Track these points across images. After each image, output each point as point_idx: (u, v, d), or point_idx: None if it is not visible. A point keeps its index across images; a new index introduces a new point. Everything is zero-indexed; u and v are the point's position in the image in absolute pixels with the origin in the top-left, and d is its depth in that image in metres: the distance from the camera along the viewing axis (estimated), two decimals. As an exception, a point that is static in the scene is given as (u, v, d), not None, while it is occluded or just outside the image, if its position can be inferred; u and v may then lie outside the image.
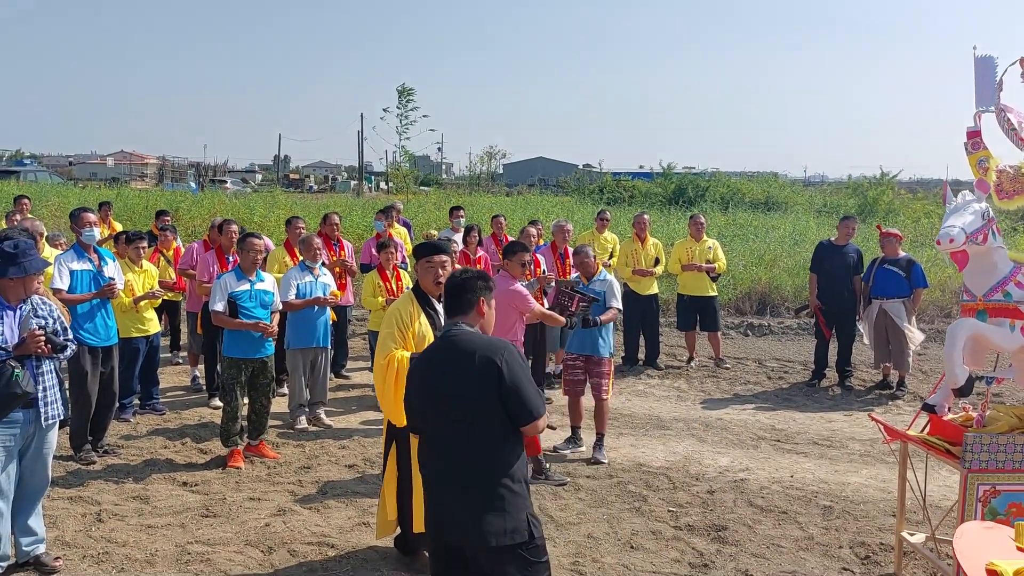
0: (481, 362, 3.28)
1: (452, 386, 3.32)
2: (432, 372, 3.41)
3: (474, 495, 3.28)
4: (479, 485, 3.28)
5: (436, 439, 3.42)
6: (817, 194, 36.43)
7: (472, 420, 3.29)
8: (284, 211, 19.19)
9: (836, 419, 8.54)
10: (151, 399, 8.28)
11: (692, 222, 10.98)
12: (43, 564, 4.85)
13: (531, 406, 3.30)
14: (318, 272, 7.81)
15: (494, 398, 3.25)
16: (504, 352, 3.31)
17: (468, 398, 3.28)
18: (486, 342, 3.38)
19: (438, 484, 3.41)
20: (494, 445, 3.29)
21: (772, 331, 13.21)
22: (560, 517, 5.84)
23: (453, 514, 3.34)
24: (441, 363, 3.40)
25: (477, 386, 3.27)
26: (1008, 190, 4.76)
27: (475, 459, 3.29)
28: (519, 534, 3.27)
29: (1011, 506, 4.40)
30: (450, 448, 3.35)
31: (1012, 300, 4.60)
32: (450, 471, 3.35)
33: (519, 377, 3.29)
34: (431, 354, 3.54)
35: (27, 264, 4.61)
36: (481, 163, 64.25)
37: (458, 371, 3.32)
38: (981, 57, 4.80)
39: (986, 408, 4.70)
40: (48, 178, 39.22)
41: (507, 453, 3.31)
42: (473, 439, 3.29)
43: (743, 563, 5.16)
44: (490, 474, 3.28)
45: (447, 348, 3.42)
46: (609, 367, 7.10)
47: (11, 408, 4.56)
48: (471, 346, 3.34)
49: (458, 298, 3.53)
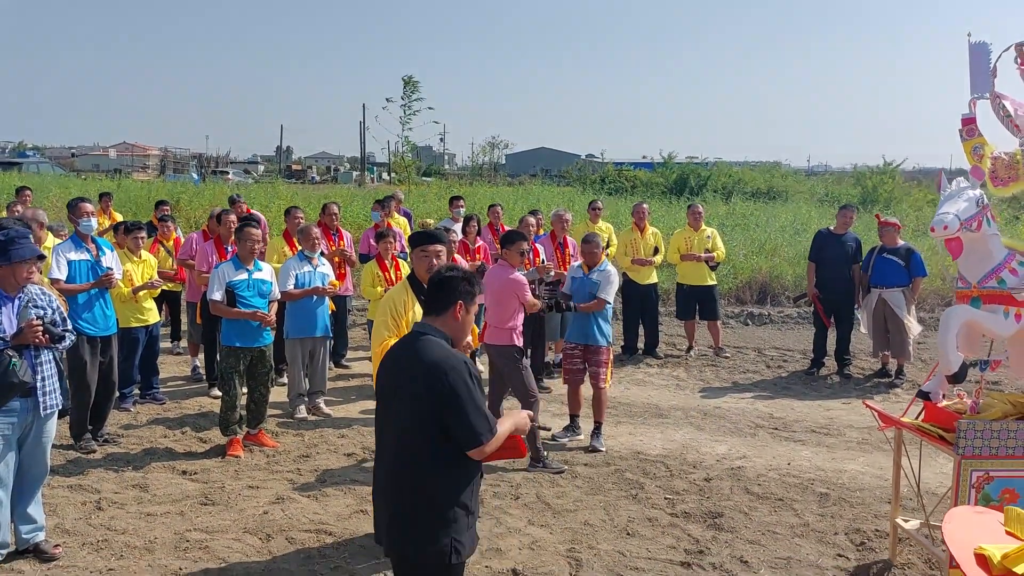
0: (427, 375, 3.09)
1: (399, 391, 3.18)
2: (391, 369, 3.28)
3: (398, 507, 3.15)
4: (403, 499, 3.14)
5: (379, 438, 3.33)
6: (819, 183, 36.35)
7: (406, 430, 3.13)
8: (285, 202, 19.19)
9: (834, 407, 8.56)
10: (151, 388, 8.32)
11: (690, 211, 10.99)
12: (43, 551, 4.89)
13: (476, 430, 3.07)
14: (317, 262, 7.83)
15: (435, 415, 3.07)
16: (452, 370, 3.09)
17: (407, 408, 3.13)
18: (439, 356, 3.14)
19: (374, 486, 3.34)
20: (424, 460, 3.10)
21: (772, 320, 13.21)
22: (557, 504, 5.87)
23: (380, 520, 3.26)
24: (400, 363, 3.24)
25: (419, 399, 3.09)
26: (1003, 177, 4.75)
27: (404, 472, 3.13)
28: (436, 556, 3.10)
29: (1004, 492, 4.41)
30: (387, 453, 3.23)
31: (1006, 287, 4.60)
32: (383, 477, 3.24)
33: (463, 398, 3.07)
34: (398, 349, 3.34)
35: (12, 252, 4.60)
36: (484, 153, 64.25)
37: (409, 377, 3.15)
38: (975, 44, 4.78)
39: (980, 395, 4.71)
40: (50, 169, 39.30)
41: (440, 471, 3.11)
42: (405, 451, 3.14)
43: (738, 549, 5.19)
44: (416, 490, 3.11)
45: (409, 349, 3.24)
46: (607, 356, 7.12)
47: (8, 397, 4.59)
48: (425, 356, 3.14)
49: (436, 296, 3.34)
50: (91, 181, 31.33)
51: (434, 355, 3.14)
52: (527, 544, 5.23)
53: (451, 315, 3.31)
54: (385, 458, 3.25)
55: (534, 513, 5.73)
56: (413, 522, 3.12)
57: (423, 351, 3.17)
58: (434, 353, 3.15)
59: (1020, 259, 4.69)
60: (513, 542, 5.25)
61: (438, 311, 3.31)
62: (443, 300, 3.31)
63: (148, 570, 4.80)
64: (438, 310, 3.32)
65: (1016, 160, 4.73)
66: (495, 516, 5.65)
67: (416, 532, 3.11)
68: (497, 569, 4.87)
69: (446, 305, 3.30)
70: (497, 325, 6.52)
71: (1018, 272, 4.61)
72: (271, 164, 79.33)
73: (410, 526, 3.12)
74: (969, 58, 4.84)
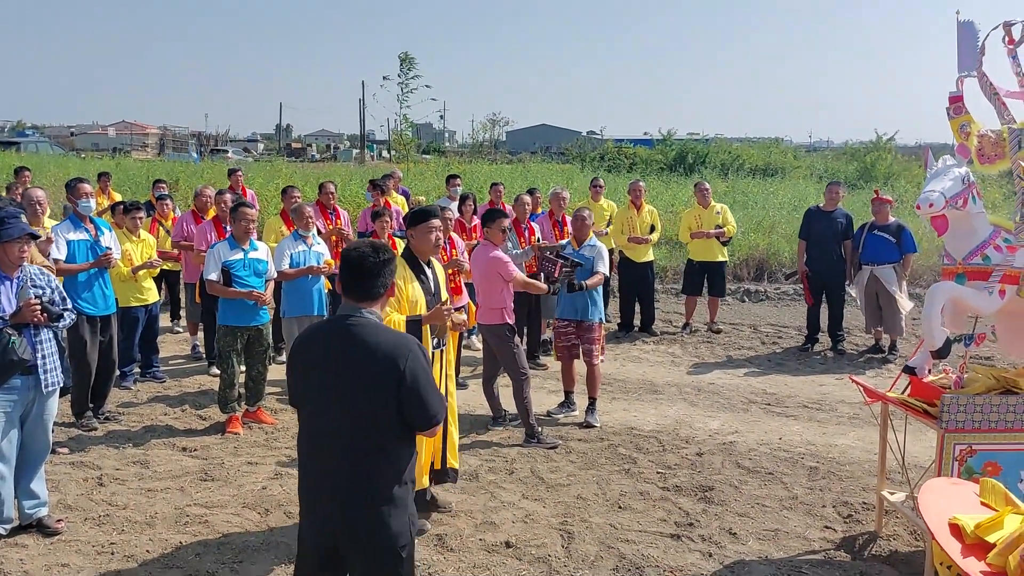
0: (383, 360, 3.02)
1: (343, 378, 3.06)
2: (321, 357, 3.13)
3: (356, 494, 3.06)
4: (362, 485, 3.06)
5: (316, 430, 3.16)
6: (819, 160, 36.27)
7: (360, 417, 3.05)
8: (284, 180, 19.20)
9: (827, 383, 8.65)
10: (151, 367, 8.41)
11: (697, 189, 11.01)
12: (46, 526, 5.00)
13: (431, 411, 3.09)
14: (312, 241, 7.87)
15: (389, 399, 3.02)
16: (409, 354, 3.06)
17: (360, 394, 3.04)
18: (392, 340, 3.09)
19: (316, 481, 3.16)
20: (381, 445, 3.07)
21: (769, 297, 13.29)
22: (551, 479, 5.97)
23: (331, 513, 3.11)
24: (335, 350, 3.10)
25: (372, 384, 3.02)
26: (989, 155, 4.80)
27: (359, 457, 3.06)
28: (402, 537, 3.10)
29: (987, 465, 4.50)
30: (333, 443, 3.10)
31: (991, 263, 4.67)
32: (333, 468, 3.10)
33: (421, 381, 3.05)
34: (323, 336, 3.19)
35: (2, 232, 4.66)
36: (484, 131, 63.98)
37: (354, 363, 3.04)
38: (963, 22, 4.82)
39: (964, 369, 4.79)
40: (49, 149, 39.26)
41: (395, 454, 3.10)
42: (358, 436, 3.06)
43: (727, 522, 5.29)
44: (375, 474, 3.07)
45: (345, 335, 3.11)
46: (600, 332, 7.20)
47: (9, 375, 4.68)
48: (374, 340, 3.05)
49: (369, 282, 3.17)
50: (90, 160, 31.31)
51: (389, 339, 3.08)
52: (520, 517, 5.33)
53: (386, 298, 3.25)
54: (330, 449, 3.10)
55: (528, 487, 5.83)
56: (379, 508, 3.06)
57: (372, 336, 3.07)
58: (388, 337, 3.09)
59: (1005, 236, 4.75)
60: (507, 516, 5.35)
61: (373, 297, 3.19)
62: (379, 286, 3.19)
63: (149, 544, 4.90)
64: (373, 296, 3.18)
65: (1003, 137, 4.77)
66: (489, 490, 5.75)
67: (384, 517, 3.06)
68: (491, 542, 4.98)
69: (383, 290, 3.21)
70: (487, 305, 6.59)
71: (1003, 249, 4.67)
72: (270, 142, 79.16)
73: (376, 512, 3.06)
74: (957, 36, 4.87)
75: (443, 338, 5.25)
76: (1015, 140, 4.61)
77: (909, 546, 5.00)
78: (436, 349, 5.18)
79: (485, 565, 4.72)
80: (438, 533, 5.08)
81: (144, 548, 4.85)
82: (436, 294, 5.19)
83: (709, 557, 4.84)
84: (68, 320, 5.08)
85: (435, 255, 5.39)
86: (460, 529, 5.15)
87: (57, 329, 5.02)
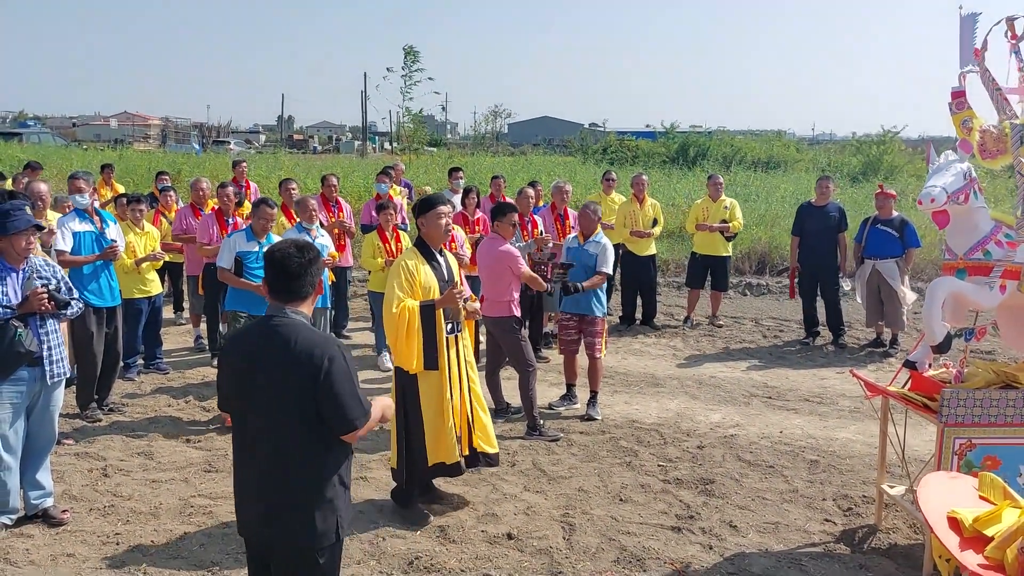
0: (304, 361, 2.98)
1: (266, 379, 3.03)
2: (247, 358, 3.11)
3: (280, 497, 3.05)
4: (286, 486, 3.05)
5: (244, 431, 3.15)
6: (822, 153, 36.24)
7: (285, 418, 3.02)
8: (286, 172, 19.24)
9: (828, 376, 8.67)
10: (155, 359, 8.45)
11: (710, 182, 10.98)
12: (51, 516, 5.04)
13: (350, 415, 3.03)
14: (315, 233, 7.89)
15: (309, 399, 3.00)
16: (330, 355, 3.01)
17: (283, 396, 3.01)
18: (313, 339, 3.05)
19: (245, 480, 3.17)
20: (307, 446, 3.05)
21: (770, 290, 13.31)
22: (552, 471, 6.00)
23: (257, 513, 3.12)
24: (259, 351, 3.07)
25: (295, 385, 3.00)
26: (991, 150, 4.81)
27: (284, 458, 3.05)
28: (325, 537, 3.08)
29: (986, 459, 4.52)
30: (259, 443, 3.09)
31: (992, 259, 4.69)
32: (258, 468, 3.10)
33: (341, 383, 3.01)
34: (250, 337, 3.19)
35: (8, 224, 4.70)
36: (486, 123, 63.93)
37: (275, 364, 3.02)
38: (966, 16, 4.82)
39: (964, 364, 4.82)
40: (51, 140, 39.24)
41: (323, 455, 3.08)
42: (283, 437, 3.04)
43: (728, 515, 5.33)
44: (300, 475, 3.05)
45: (269, 336, 3.07)
46: (602, 326, 7.22)
47: (16, 367, 4.72)
48: (297, 342, 3.02)
49: (294, 282, 3.12)
50: (92, 151, 31.34)
51: (309, 340, 3.04)
52: (522, 509, 5.37)
53: (313, 297, 3.21)
54: (256, 450, 3.09)
55: (530, 480, 5.87)
56: (302, 508, 3.05)
57: (294, 336, 3.03)
58: (309, 337, 3.05)
59: (1006, 231, 4.77)
60: (509, 507, 5.39)
61: (300, 297, 3.14)
62: (305, 285, 3.14)
63: (154, 534, 4.94)
64: (300, 296, 3.14)
65: (1005, 133, 4.78)
66: (491, 483, 5.79)
67: (306, 517, 3.05)
68: (493, 533, 5.02)
69: (310, 290, 3.17)
70: (493, 298, 6.62)
71: (1004, 244, 4.69)
72: (272, 133, 79.17)
73: (299, 513, 3.05)
74: (959, 31, 4.88)
75: (457, 323, 5.29)
76: (1017, 135, 4.62)
77: (908, 539, 5.03)
78: (450, 334, 5.22)
79: (487, 556, 4.75)
80: (440, 524, 5.12)
81: (149, 538, 4.89)
82: (450, 280, 5.24)
83: (709, 549, 4.87)
84: (76, 309, 5.12)
85: (446, 240, 5.44)
86: (462, 520, 5.19)
87: (63, 318, 5.05)
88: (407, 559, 4.70)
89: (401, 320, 4.94)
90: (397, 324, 4.95)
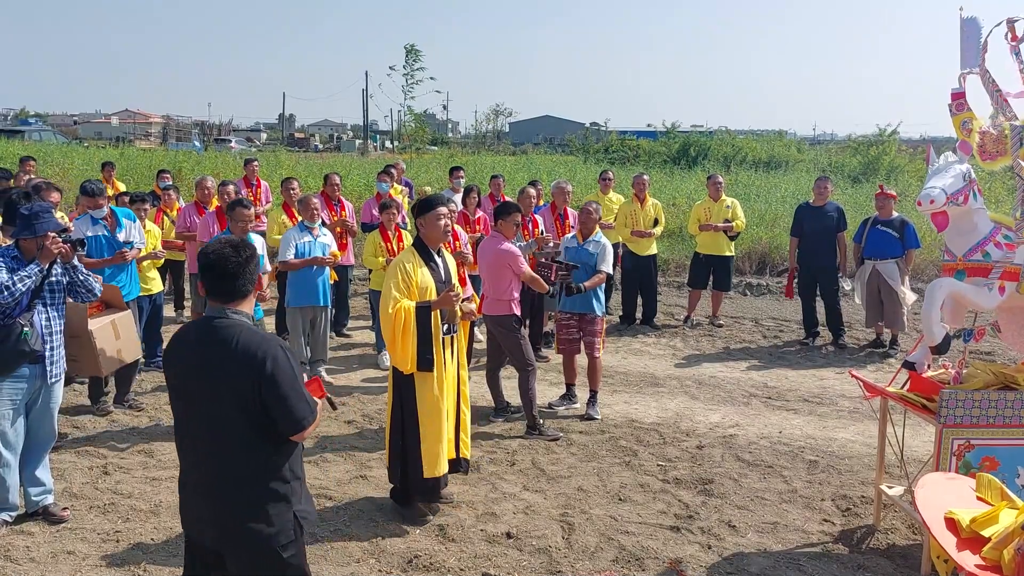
0: (243, 362, 2.95)
1: (208, 380, 3.00)
2: (188, 358, 3.09)
3: (229, 496, 3.02)
4: (232, 485, 3.02)
5: (187, 431, 3.14)
6: (822, 153, 36.23)
7: (225, 418, 2.99)
8: (287, 171, 19.23)
9: (828, 377, 8.68)
10: (155, 357, 8.45)
11: (710, 182, 11.00)
12: (51, 514, 5.06)
13: (296, 415, 3.01)
14: (317, 232, 7.91)
15: (254, 400, 2.96)
16: (270, 356, 2.97)
17: (223, 396, 2.98)
18: (254, 339, 3.00)
19: (192, 481, 3.13)
20: (250, 444, 3.01)
21: (771, 291, 13.31)
22: (552, 471, 6.01)
23: (204, 513, 3.09)
24: (200, 352, 3.05)
25: (235, 384, 2.96)
26: (991, 151, 4.82)
27: (226, 458, 3.02)
28: (283, 535, 3.06)
29: (984, 460, 4.53)
30: (203, 444, 3.07)
31: (991, 260, 4.70)
32: (203, 470, 3.08)
33: (284, 384, 2.97)
34: (190, 337, 3.15)
35: (37, 226, 4.80)
36: (487, 121, 63.92)
37: (217, 365, 2.99)
38: (967, 18, 4.83)
39: (963, 365, 4.82)
40: (53, 137, 39.23)
41: (266, 452, 3.04)
42: (224, 437, 3.01)
43: (727, 515, 5.34)
44: (245, 474, 3.01)
45: (210, 336, 3.04)
46: (601, 326, 7.23)
47: (19, 364, 4.76)
48: (236, 342, 2.98)
49: (232, 282, 3.08)
50: (94, 149, 31.33)
51: (250, 340, 3.00)
52: (522, 509, 5.38)
53: (252, 297, 3.18)
54: (200, 450, 3.08)
55: (529, 479, 5.88)
56: (255, 507, 3.02)
57: (235, 336, 3.00)
58: (249, 338, 3.01)
59: (1006, 233, 4.78)
60: (508, 507, 5.40)
61: (237, 297, 3.11)
62: (242, 285, 3.10)
63: (154, 532, 4.96)
64: (237, 296, 3.11)
65: (1004, 134, 4.79)
66: (491, 481, 5.80)
67: (261, 515, 3.02)
68: (492, 532, 5.03)
69: (248, 289, 3.13)
70: (494, 297, 6.64)
71: (1003, 246, 4.70)
72: (273, 132, 79.17)
73: (253, 511, 3.02)
74: (960, 33, 4.89)
75: (453, 324, 5.30)
76: (1016, 137, 4.63)
77: (907, 539, 5.04)
78: (446, 335, 5.23)
79: (486, 555, 4.76)
80: (440, 523, 5.13)
81: (149, 536, 4.91)
82: (447, 282, 5.25)
83: (708, 549, 4.88)
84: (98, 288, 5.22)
85: (445, 242, 5.45)
86: (461, 519, 5.20)
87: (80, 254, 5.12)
88: (406, 558, 4.71)
89: (397, 320, 4.95)
90: (393, 324, 4.97)
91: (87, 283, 5.10)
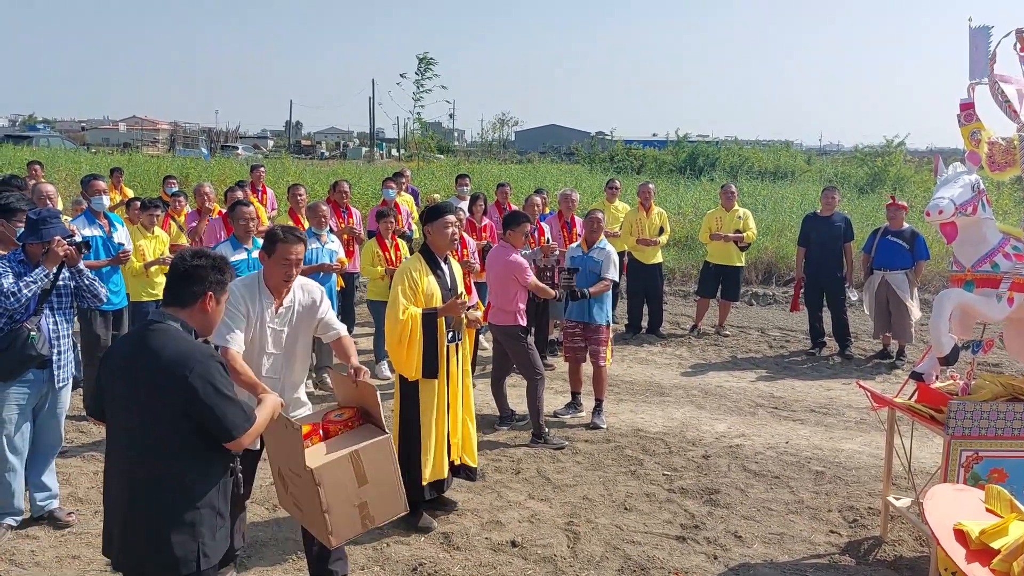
0: (167, 372, 2.85)
1: (133, 390, 2.90)
2: (118, 366, 2.98)
3: (135, 516, 2.89)
4: (143, 506, 2.88)
5: (111, 444, 3.01)
6: (829, 164, 36.21)
7: (145, 432, 2.88)
8: (293, 178, 19.29)
9: (834, 387, 8.65)
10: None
11: (723, 192, 10.99)
12: (57, 519, 5.07)
13: (228, 424, 2.89)
14: (325, 239, 7.91)
15: (176, 414, 2.85)
16: (196, 365, 2.86)
17: (145, 408, 2.88)
18: (180, 350, 2.89)
19: (107, 496, 3.02)
20: (168, 465, 2.88)
21: (777, 300, 13.28)
22: (557, 480, 6.00)
23: (112, 531, 2.99)
24: (129, 359, 2.95)
25: (156, 396, 2.86)
26: (1000, 162, 4.82)
27: (142, 477, 2.89)
28: (184, 565, 2.89)
29: (993, 471, 4.51)
30: (120, 459, 2.95)
31: (1000, 271, 4.68)
32: (118, 485, 2.95)
33: (211, 394, 2.86)
34: (124, 342, 3.09)
35: (44, 231, 4.82)
36: (493, 130, 64.01)
37: (141, 375, 2.88)
38: (976, 28, 4.83)
39: (971, 376, 4.80)
40: (61, 143, 39.35)
41: (184, 476, 2.90)
42: (143, 454, 2.89)
43: (733, 525, 5.31)
44: (157, 496, 2.88)
45: (140, 344, 2.95)
46: (607, 334, 7.22)
47: (25, 369, 4.76)
48: (162, 350, 2.88)
49: (182, 288, 3.03)
50: (101, 155, 31.48)
51: (176, 349, 2.89)
52: (527, 517, 5.36)
53: (199, 307, 3.05)
54: (120, 466, 2.95)
55: (534, 487, 5.86)
56: (157, 530, 2.88)
57: (162, 344, 2.90)
58: (175, 347, 2.90)
59: (1015, 244, 4.77)
60: (513, 515, 5.39)
61: (184, 302, 3.03)
62: (191, 292, 3.03)
63: (159, 537, 4.95)
64: (184, 301, 3.03)
65: (1013, 145, 4.79)
66: (496, 490, 5.78)
67: (159, 542, 2.87)
68: (496, 541, 5.01)
69: (195, 297, 3.04)
70: (500, 306, 6.64)
71: (1012, 256, 4.69)
72: (280, 139, 79.38)
73: (153, 536, 2.88)
74: (969, 43, 4.89)
75: (458, 332, 5.30)
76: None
77: (914, 551, 5.01)
78: (451, 343, 5.23)
79: (491, 564, 4.75)
80: (444, 531, 5.12)
81: (154, 541, 4.90)
82: (453, 289, 5.25)
83: (714, 559, 4.86)
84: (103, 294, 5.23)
85: (451, 250, 5.46)
86: (466, 528, 5.19)
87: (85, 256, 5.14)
88: (411, 566, 4.70)
89: (404, 328, 4.96)
90: (399, 332, 4.96)
91: (92, 288, 5.10)
